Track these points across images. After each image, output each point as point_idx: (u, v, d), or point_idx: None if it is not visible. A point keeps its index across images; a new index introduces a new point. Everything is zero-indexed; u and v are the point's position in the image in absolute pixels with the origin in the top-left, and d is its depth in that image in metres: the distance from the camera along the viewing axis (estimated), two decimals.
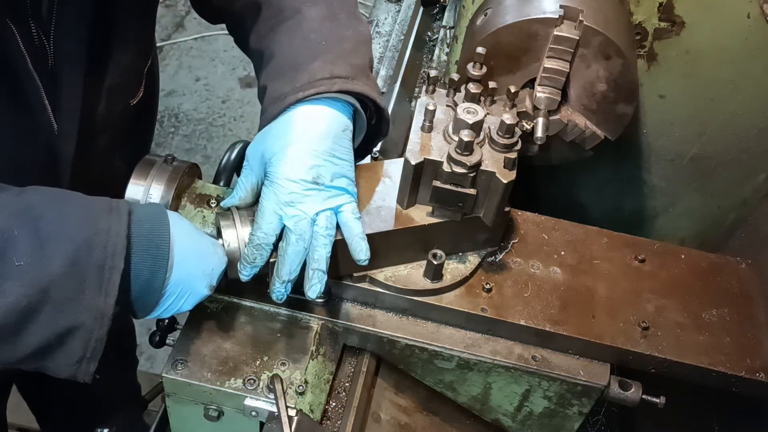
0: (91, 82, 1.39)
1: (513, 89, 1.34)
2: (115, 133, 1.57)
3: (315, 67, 1.25)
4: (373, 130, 1.37)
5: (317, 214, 1.22)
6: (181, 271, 1.16)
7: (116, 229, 1.08)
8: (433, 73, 1.37)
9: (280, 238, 1.23)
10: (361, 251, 1.23)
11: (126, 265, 1.08)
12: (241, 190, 1.29)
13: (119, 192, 1.39)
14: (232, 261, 1.26)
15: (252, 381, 1.23)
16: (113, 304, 1.06)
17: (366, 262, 1.23)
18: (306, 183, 1.21)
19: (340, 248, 1.27)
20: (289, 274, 1.20)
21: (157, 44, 1.98)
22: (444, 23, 2.30)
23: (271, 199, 1.22)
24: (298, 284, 1.25)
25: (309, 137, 1.23)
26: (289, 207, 1.21)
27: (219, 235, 1.28)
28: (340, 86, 1.25)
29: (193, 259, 1.18)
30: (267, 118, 1.27)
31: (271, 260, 1.23)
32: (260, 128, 1.30)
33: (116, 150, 1.61)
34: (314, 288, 1.21)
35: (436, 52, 2.23)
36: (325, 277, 1.21)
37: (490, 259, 1.43)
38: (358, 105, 1.29)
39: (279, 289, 1.22)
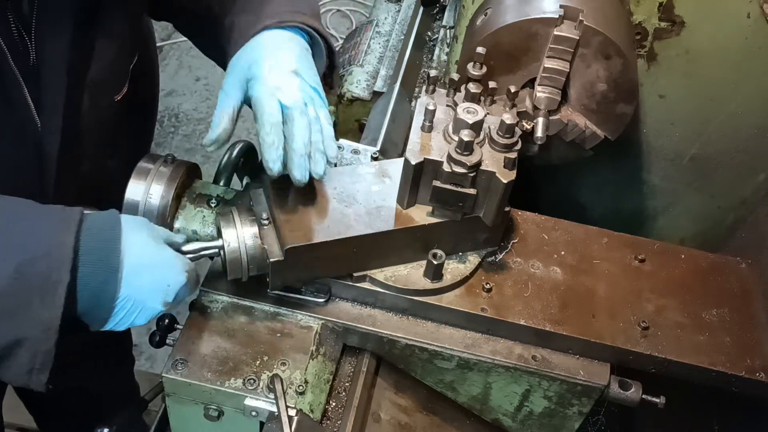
0: (73, 78, 1.40)
1: (513, 89, 1.34)
2: (103, 131, 1.57)
3: (279, 2, 1.41)
4: (328, 68, 1.48)
5: (305, 103, 1.27)
6: (131, 285, 1.13)
7: (63, 241, 1.07)
8: (433, 73, 1.37)
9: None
10: (332, 149, 1.29)
11: (72, 278, 1.06)
12: (219, 117, 1.30)
13: (110, 192, 1.39)
14: (232, 261, 1.26)
15: (252, 381, 1.23)
16: (59, 317, 1.05)
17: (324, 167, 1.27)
18: (291, 74, 1.29)
19: (341, 247, 1.27)
20: (304, 146, 1.24)
21: (157, 44, 1.98)
22: (444, 23, 2.30)
23: (264, 90, 1.27)
24: (297, 285, 1.25)
25: (283, 49, 1.34)
26: (281, 91, 1.27)
27: (219, 235, 1.28)
28: (300, 19, 1.38)
29: (146, 273, 1.16)
30: (239, 44, 1.36)
31: (272, 260, 1.24)
32: (230, 56, 1.36)
33: (105, 148, 1.61)
34: (320, 165, 1.26)
35: (436, 52, 2.23)
36: (326, 157, 1.27)
37: (490, 259, 1.43)
38: (317, 37, 1.41)
39: (301, 163, 1.24)
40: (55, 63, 1.35)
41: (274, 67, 1.30)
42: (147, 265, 1.16)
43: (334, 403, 1.32)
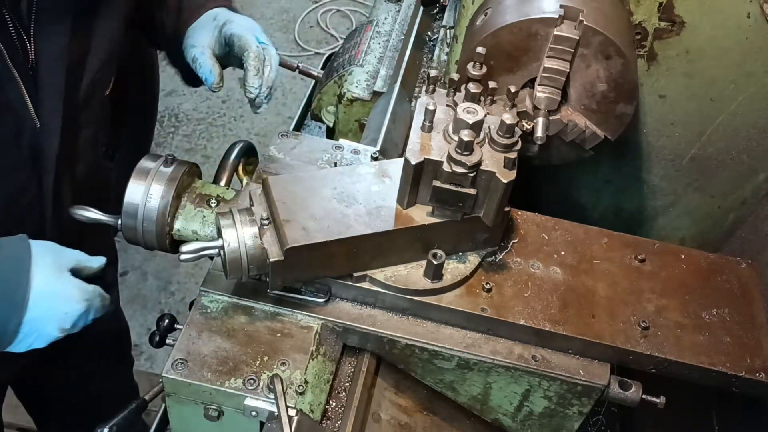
0: (72, 77, 1.41)
1: (513, 89, 1.34)
2: (97, 127, 1.61)
3: None
4: None
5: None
6: (31, 312, 1.21)
7: None
8: (433, 73, 1.37)
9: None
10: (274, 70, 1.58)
11: None
12: (208, 62, 1.56)
13: (108, 192, 1.39)
14: (232, 261, 1.26)
15: (252, 381, 1.23)
16: None
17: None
18: (252, 21, 1.63)
19: (341, 247, 1.27)
20: (272, 79, 1.57)
21: None
22: (444, 23, 2.30)
23: (242, 27, 1.57)
24: (297, 285, 1.25)
25: (234, 12, 1.67)
26: (254, 30, 1.59)
27: (219, 235, 1.28)
28: (231, 5, 1.73)
29: (43, 302, 1.23)
30: (189, 22, 1.66)
31: (272, 260, 1.24)
32: (187, 23, 1.65)
33: (98, 144, 1.64)
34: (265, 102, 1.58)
35: (436, 52, 2.23)
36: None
37: (490, 259, 1.43)
38: None
39: (265, 92, 1.55)
40: (54, 62, 1.36)
41: (245, 18, 1.62)
42: (45, 295, 1.23)
43: (334, 403, 1.32)
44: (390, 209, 1.33)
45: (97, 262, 1.37)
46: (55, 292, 1.26)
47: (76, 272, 1.33)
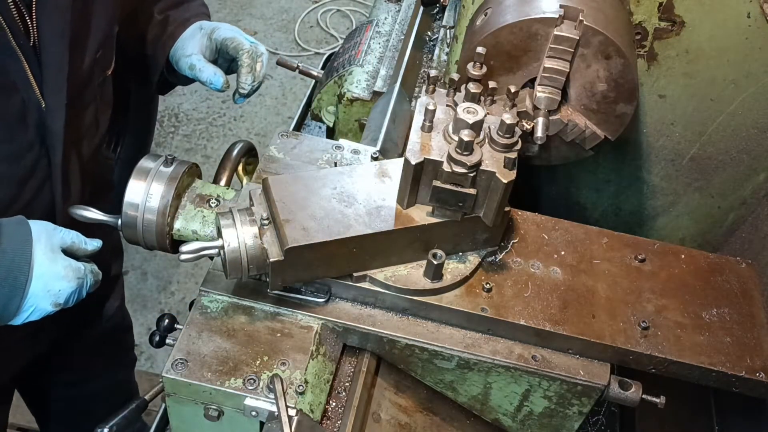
0: (75, 54, 1.43)
1: (513, 89, 1.34)
2: (99, 106, 1.63)
3: (197, 4, 1.85)
4: None
5: None
6: (29, 291, 1.29)
7: None
8: (433, 72, 1.37)
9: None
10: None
11: None
12: (210, 68, 1.64)
13: (110, 181, 1.39)
14: (232, 261, 1.26)
15: (252, 381, 1.23)
16: None
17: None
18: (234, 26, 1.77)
19: (341, 247, 1.27)
20: (262, 75, 1.69)
21: None
22: (444, 23, 2.30)
23: (232, 31, 1.69)
24: (297, 285, 1.25)
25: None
26: (242, 33, 1.70)
27: (219, 235, 1.28)
28: (208, 17, 1.84)
29: (42, 281, 1.30)
30: (183, 27, 1.74)
31: (271, 260, 1.24)
32: (174, 36, 1.73)
33: (100, 127, 1.67)
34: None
35: (436, 51, 2.23)
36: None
37: (490, 259, 1.43)
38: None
39: (254, 87, 1.67)
40: (56, 40, 1.37)
41: (222, 23, 1.71)
42: (41, 275, 1.30)
43: (334, 403, 1.32)
44: (390, 209, 1.33)
45: (92, 245, 1.41)
46: (50, 272, 1.32)
47: (70, 252, 1.38)
